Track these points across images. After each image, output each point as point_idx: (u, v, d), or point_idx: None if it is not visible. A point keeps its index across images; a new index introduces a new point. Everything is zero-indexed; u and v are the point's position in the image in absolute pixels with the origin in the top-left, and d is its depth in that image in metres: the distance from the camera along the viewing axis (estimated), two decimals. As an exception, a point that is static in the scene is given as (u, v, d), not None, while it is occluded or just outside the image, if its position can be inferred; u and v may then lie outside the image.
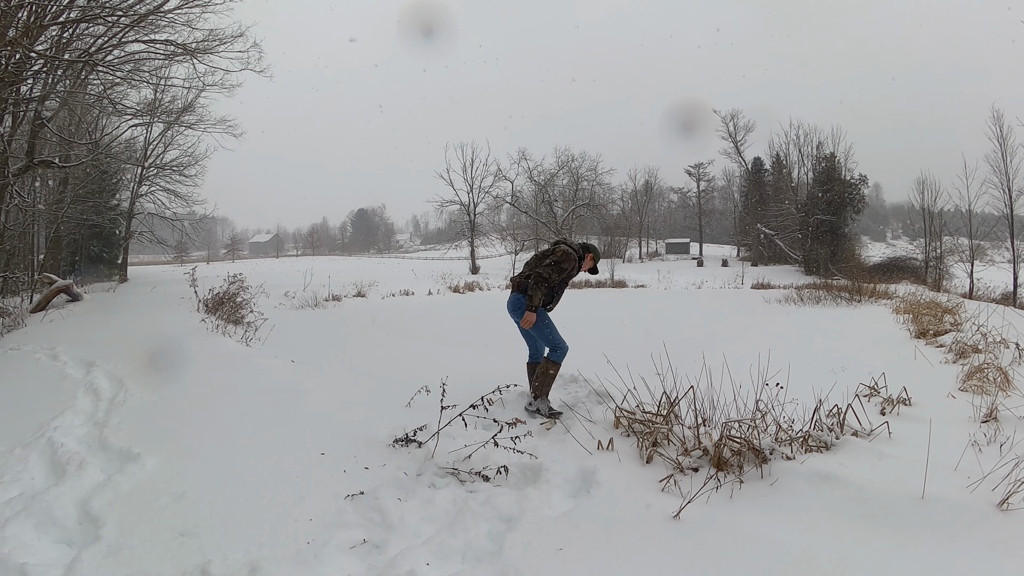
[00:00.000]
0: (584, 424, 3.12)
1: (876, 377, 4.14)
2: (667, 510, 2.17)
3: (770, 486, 2.40)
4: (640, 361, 3.54)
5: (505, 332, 4.85)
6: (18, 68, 8.10)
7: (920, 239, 31.30)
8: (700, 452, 2.69)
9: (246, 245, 77.59)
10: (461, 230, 39.05)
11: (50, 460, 2.80)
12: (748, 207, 40.65)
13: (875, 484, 2.30)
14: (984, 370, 4.84)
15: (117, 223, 22.00)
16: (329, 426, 3.16)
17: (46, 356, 5.36)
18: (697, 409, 2.93)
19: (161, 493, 2.40)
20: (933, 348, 6.84)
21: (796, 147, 36.04)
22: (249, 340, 6.48)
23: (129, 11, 8.60)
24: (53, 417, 3.43)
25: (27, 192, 12.14)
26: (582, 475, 2.53)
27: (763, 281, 21.52)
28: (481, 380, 4.37)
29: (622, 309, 12.51)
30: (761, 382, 2.96)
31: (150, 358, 4.92)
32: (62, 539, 2.13)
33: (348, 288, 14.21)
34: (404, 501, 2.31)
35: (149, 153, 21.09)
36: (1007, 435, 3.01)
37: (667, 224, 56.72)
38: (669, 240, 50.79)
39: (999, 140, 24.72)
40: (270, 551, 1.98)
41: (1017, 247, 23.57)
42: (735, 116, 40.16)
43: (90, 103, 11.05)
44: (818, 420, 2.92)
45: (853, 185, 32.85)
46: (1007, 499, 2.10)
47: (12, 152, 9.37)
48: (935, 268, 28.39)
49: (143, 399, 3.77)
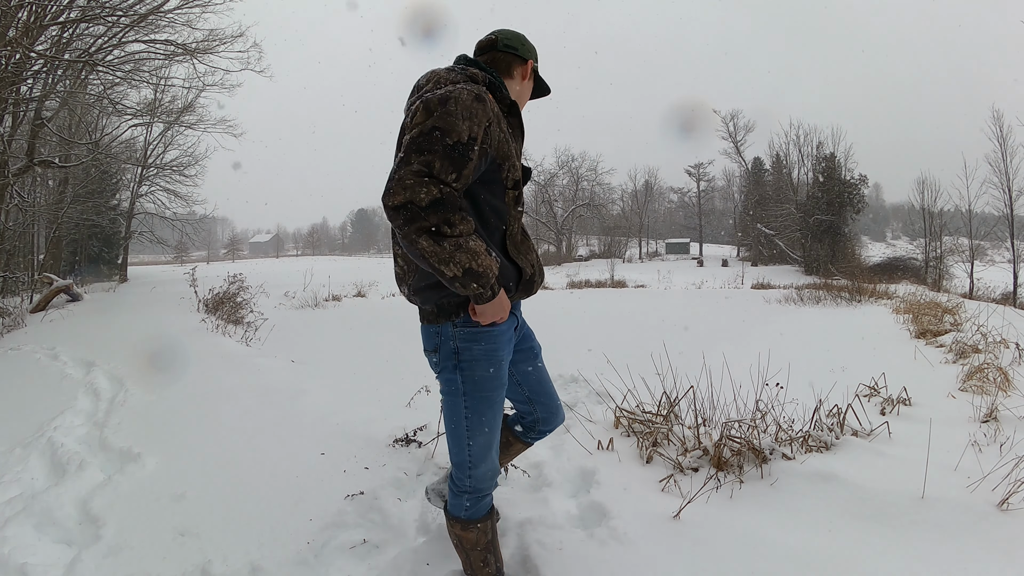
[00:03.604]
0: (584, 424, 3.12)
1: (876, 377, 4.14)
2: (667, 510, 2.17)
3: (770, 486, 2.40)
4: (640, 361, 3.54)
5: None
6: (18, 68, 8.10)
7: (920, 239, 31.35)
8: (700, 452, 2.69)
9: (246, 245, 77.64)
10: (461, 230, 38.91)
11: (50, 460, 2.81)
12: (748, 207, 40.66)
13: (875, 484, 2.30)
14: (984, 370, 4.84)
15: (117, 223, 22.01)
16: (329, 426, 3.16)
17: (46, 356, 5.36)
18: (697, 409, 2.92)
19: (161, 493, 2.40)
20: (933, 348, 6.84)
21: (796, 147, 36.13)
22: (249, 340, 6.48)
23: (129, 11, 8.62)
24: (53, 417, 3.43)
25: (27, 192, 12.13)
26: (582, 475, 2.52)
27: (763, 281, 21.53)
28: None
29: (622, 309, 12.51)
30: (761, 382, 2.96)
31: (150, 358, 4.92)
32: (62, 539, 2.13)
33: (348, 288, 14.22)
34: (404, 501, 2.31)
35: (149, 153, 21.10)
36: (1007, 435, 3.00)
37: (667, 224, 56.75)
38: (669, 240, 50.83)
39: (999, 140, 24.77)
40: (270, 551, 1.98)
41: (1017, 247, 23.58)
42: (735, 116, 40.24)
43: (90, 103, 11.06)
44: (818, 420, 2.92)
45: (853, 185, 32.89)
46: (1007, 499, 2.10)
47: (12, 152, 9.37)
48: (935, 268, 28.41)
49: (143, 399, 3.77)
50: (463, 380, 1.53)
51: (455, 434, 1.59)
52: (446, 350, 1.53)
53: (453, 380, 1.55)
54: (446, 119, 1.30)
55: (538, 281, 1.64)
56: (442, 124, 1.30)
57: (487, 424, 1.57)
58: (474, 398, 1.55)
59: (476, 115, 1.34)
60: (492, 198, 1.46)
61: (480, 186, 1.43)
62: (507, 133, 1.47)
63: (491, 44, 1.61)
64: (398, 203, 1.27)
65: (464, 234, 1.30)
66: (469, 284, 1.33)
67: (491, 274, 1.36)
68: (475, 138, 1.33)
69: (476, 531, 1.68)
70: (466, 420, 1.57)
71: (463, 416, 1.56)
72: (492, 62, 1.60)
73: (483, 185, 1.43)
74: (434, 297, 1.50)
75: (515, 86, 1.62)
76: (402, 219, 1.27)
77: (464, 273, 1.31)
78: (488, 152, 1.39)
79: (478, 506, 1.67)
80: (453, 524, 1.70)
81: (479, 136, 1.34)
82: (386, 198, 1.28)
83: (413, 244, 1.29)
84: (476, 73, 1.49)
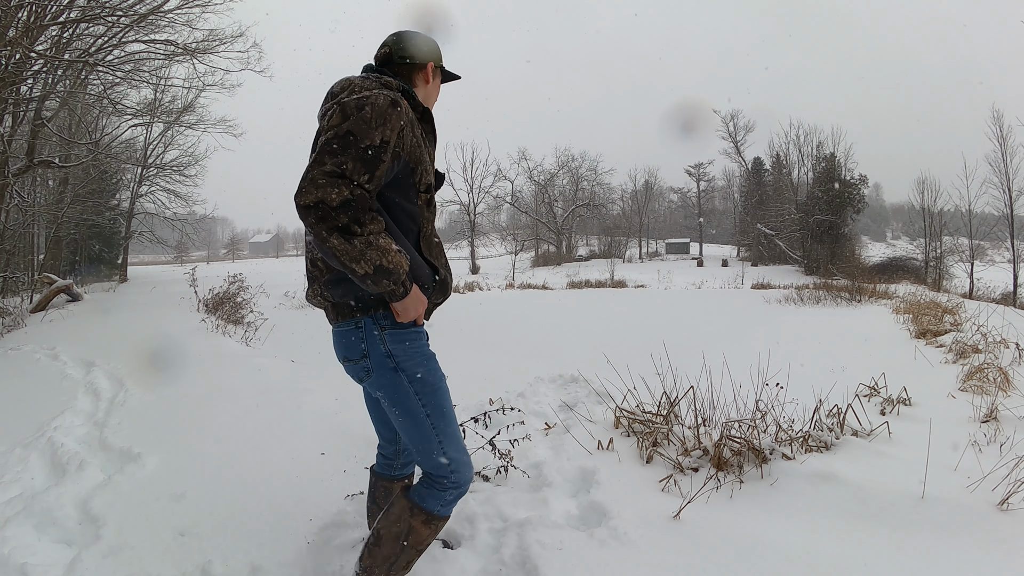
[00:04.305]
0: (584, 424, 3.12)
1: (876, 377, 4.14)
2: (667, 510, 2.17)
3: (770, 486, 2.40)
4: (640, 361, 3.54)
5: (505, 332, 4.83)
6: (18, 68, 8.10)
7: (920, 239, 31.36)
8: (700, 452, 2.69)
9: (246, 245, 77.68)
10: (461, 230, 39.01)
11: (50, 460, 2.81)
12: (748, 207, 40.67)
13: (875, 484, 2.30)
14: (984, 370, 4.84)
15: (117, 223, 22.02)
16: (329, 426, 3.16)
17: (46, 356, 5.37)
18: (697, 409, 2.92)
19: (161, 493, 2.40)
20: (933, 348, 6.84)
21: (796, 147, 36.19)
22: (249, 340, 6.48)
23: (129, 11, 8.62)
24: (53, 417, 3.43)
25: (27, 192, 12.13)
26: (582, 475, 2.53)
27: (763, 281, 21.54)
28: (481, 380, 4.38)
29: (622, 309, 12.51)
30: (761, 382, 2.96)
31: (150, 358, 4.92)
32: (62, 539, 2.13)
33: (348, 288, 14.20)
34: (404, 501, 2.31)
35: (149, 153, 21.11)
36: (1007, 435, 3.00)
37: (667, 224, 56.76)
38: (669, 240, 50.84)
39: (999, 140, 24.79)
40: (270, 551, 1.98)
41: (1017, 247, 23.58)
42: (735, 116, 40.25)
43: (90, 103, 11.07)
44: (818, 420, 2.92)
45: (853, 185, 32.91)
46: (1007, 499, 2.11)
47: (12, 152, 9.37)
48: (935, 268, 28.43)
49: (143, 399, 3.77)
50: (409, 380, 1.50)
51: (424, 437, 1.53)
52: (378, 354, 1.49)
53: (397, 383, 1.50)
54: (361, 123, 1.33)
55: (451, 283, 1.67)
56: (356, 128, 1.33)
57: (449, 413, 1.56)
58: (427, 394, 1.52)
59: (390, 119, 1.37)
60: (405, 202, 1.49)
61: (393, 190, 1.46)
62: (420, 138, 1.50)
63: (387, 58, 1.62)
64: (309, 202, 1.28)
65: (374, 232, 1.32)
66: (380, 281, 1.35)
67: (401, 271, 1.37)
68: (387, 142, 1.36)
69: (432, 530, 1.59)
70: (429, 419, 1.52)
71: (424, 416, 1.52)
72: (396, 73, 1.60)
73: (396, 189, 1.46)
74: (354, 289, 1.48)
75: (421, 92, 1.63)
76: (313, 218, 1.29)
77: (375, 270, 1.32)
78: (401, 156, 1.42)
79: (455, 502, 1.61)
80: (417, 513, 1.56)
81: (392, 140, 1.37)
82: (298, 197, 1.29)
83: (324, 242, 1.30)
84: (390, 80, 1.51)
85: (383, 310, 1.49)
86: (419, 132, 1.50)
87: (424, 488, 1.58)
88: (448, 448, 1.54)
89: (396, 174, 1.44)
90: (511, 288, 20.44)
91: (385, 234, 1.36)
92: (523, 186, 40.78)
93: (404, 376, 1.50)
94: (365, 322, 1.50)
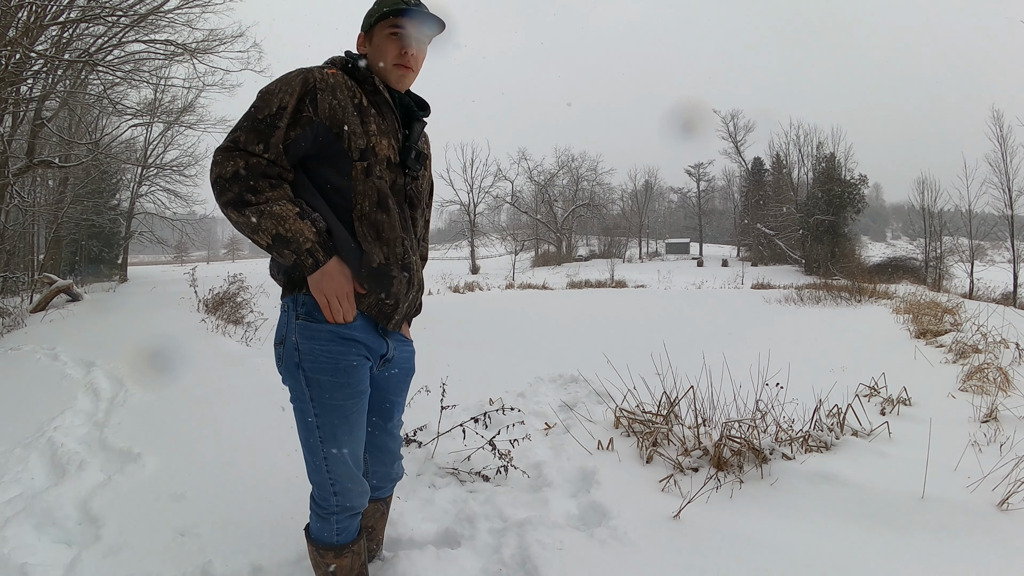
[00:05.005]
0: (584, 424, 3.12)
1: (876, 377, 4.14)
2: (667, 510, 2.17)
3: (770, 486, 2.40)
4: (640, 361, 3.54)
5: (505, 332, 4.83)
6: (18, 68, 8.10)
7: (920, 239, 31.36)
8: (700, 452, 2.69)
9: (246, 245, 77.54)
10: (461, 230, 39.03)
11: (50, 460, 2.81)
12: (748, 207, 40.66)
13: (875, 484, 2.30)
14: (984, 370, 4.84)
15: (117, 223, 22.02)
16: (329, 426, 3.15)
17: (46, 356, 5.37)
18: (697, 409, 2.92)
19: (161, 493, 2.40)
20: (933, 348, 6.84)
21: (796, 147, 36.20)
22: (249, 340, 6.48)
23: (129, 11, 8.62)
24: (53, 417, 3.43)
25: (27, 192, 12.14)
26: (582, 475, 2.53)
27: (763, 281, 21.55)
28: (481, 380, 4.38)
29: (622, 309, 12.51)
30: (761, 382, 2.96)
31: (150, 358, 4.92)
32: (62, 539, 2.13)
33: (348, 288, 14.20)
34: (404, 501, 2.31)
35: (149, 153, 21.12)
36: (1007, 435, 3.01)
37: (667, 224, 56.76)
38: (669, 240, 50.84)
39: (999, 140, 24.79)
40: (270, 551, 1.98)
41: (1017, 247, 23.57)
42: (735, 116, 40.26)
43: (90, 103, 11.08)
44: (818, 420, 2.92)
45: (853, 185, 32.92)
46: (1007, 499, 2.10)
47: (12, 152, 9.37)
48: (935, 268, 28.43)
49: (143, 399, 3.77)
50: (307, 383, 1.34)
51: (309, 449, 1.39)
52: (289, 345, 1.35)
53: (296, 383, 1.36)
54: (262, 97, 1.31)
55: (397, 276, 1.38)
56: (258, 102, 1.31)
57: (341, 439, 1.37)
58: (322, 406, 1.34)
59: (290, 84, 1.31)
60: (334, 174, 1.36)
61: (319, 162, 1.35)
62: (349, 102, 1.35)
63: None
64: (212, 180, 1.26)
65: (271, 200, 1.24)
66: (282, 251, 1.26)
67: (303, 239, 1.25)
68: (285, 107, 1.29)
69: (351, 555, 1.47)
70: (318, 431, 1.36)
71: (314, 427, 1.36)
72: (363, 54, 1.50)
73: (323, 161, 1.35)
74: (280, 265, 1.41)
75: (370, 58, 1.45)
76: (216, 194, 1.26)
77: (274, 240, 1.24)
78: (315, 121, 1.31)
79: (351, 526, 1.46)
80: (324, 554, 1.44)
81: (290, 104, 1.29)
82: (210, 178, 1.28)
83: (227, 217, 1.27)
84: (336, 58, 1.47)
85: (305, 291, 1.34)
86: (350, 97, 1.36)
87: (314, 517, 1.47)
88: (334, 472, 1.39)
89: (320, 140, 1.33)
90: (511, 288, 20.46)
91: (285, 201, 1.26)
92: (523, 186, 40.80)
93: (304, 378, 1.35)
94: (287, 303, 1.39)
